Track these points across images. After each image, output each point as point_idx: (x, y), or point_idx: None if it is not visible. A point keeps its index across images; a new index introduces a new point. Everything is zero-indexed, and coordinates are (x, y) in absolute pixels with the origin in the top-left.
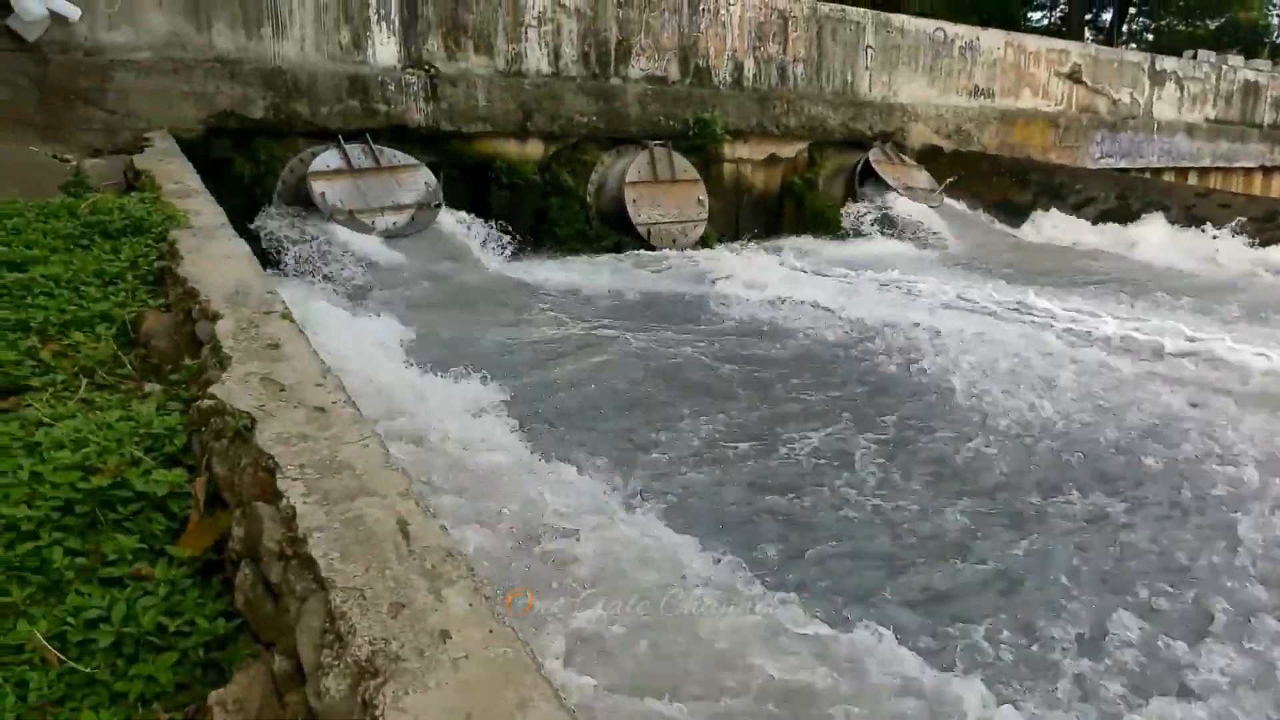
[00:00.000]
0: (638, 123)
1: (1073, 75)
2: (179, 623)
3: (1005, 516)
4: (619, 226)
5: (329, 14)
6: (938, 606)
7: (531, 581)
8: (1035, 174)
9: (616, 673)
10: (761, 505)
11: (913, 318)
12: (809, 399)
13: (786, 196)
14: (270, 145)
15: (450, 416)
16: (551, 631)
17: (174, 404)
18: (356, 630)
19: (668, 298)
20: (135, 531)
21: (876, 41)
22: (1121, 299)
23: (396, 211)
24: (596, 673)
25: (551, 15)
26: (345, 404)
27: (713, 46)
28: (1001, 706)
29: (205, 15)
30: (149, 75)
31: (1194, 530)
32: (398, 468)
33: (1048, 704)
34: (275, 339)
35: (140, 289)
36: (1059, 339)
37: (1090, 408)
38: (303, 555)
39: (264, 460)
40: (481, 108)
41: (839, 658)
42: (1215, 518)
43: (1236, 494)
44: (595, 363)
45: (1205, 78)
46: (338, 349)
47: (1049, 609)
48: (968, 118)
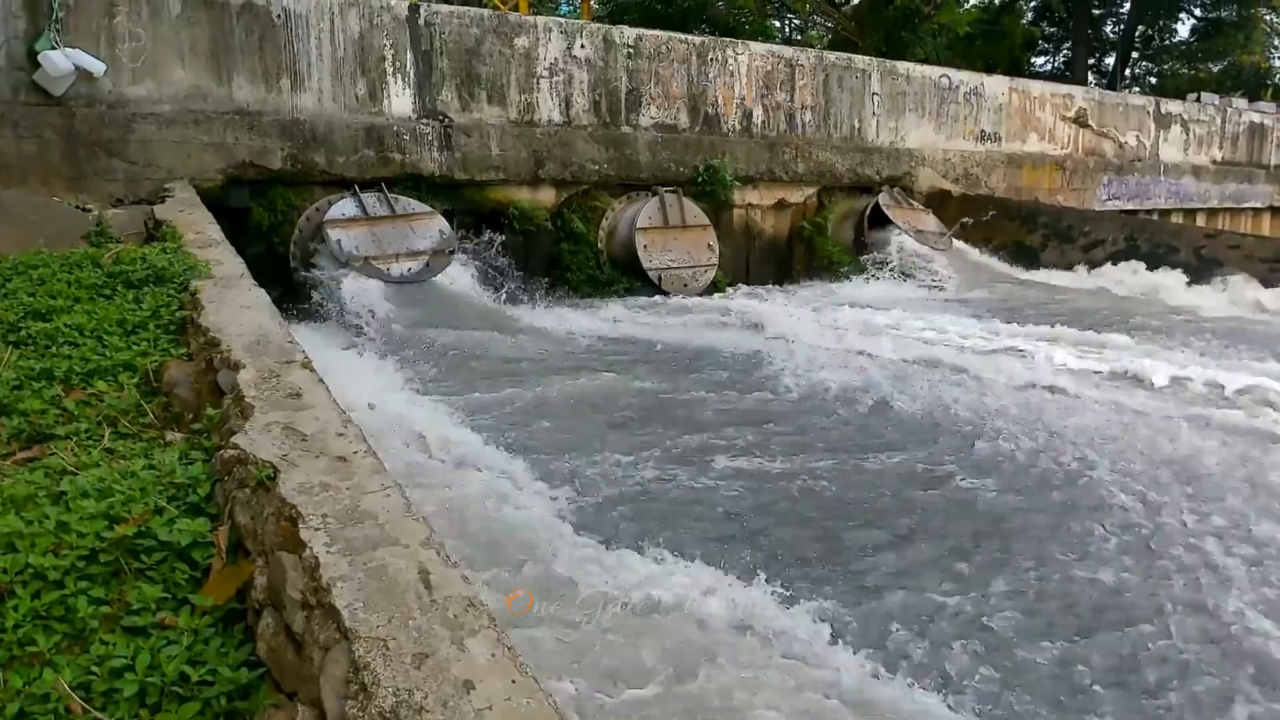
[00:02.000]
0: (648, 169)
1: (1078, 119)
2: (202, 671)
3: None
4: (630, 271)
5: (346, 67)
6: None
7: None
8: (1044, 216)
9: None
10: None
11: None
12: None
13: (797, 241)
14: (288, 194)
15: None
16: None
17: (197, 453)
18: (380, 680)
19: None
20: (159, 580)
21: (882, 89)
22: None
23: (411, 258)
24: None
25: (563, 66)
26: (366, 454)
27: (721, 95)
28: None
29: (226, 69)
30: (170, 127)
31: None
32: (419, 517)
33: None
34: (296, 388)
35: (162, 338)
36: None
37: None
38: (326, 605)
39: (287, 510)
40: (494, 156)
41: None
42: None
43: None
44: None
45: (1210, 120)
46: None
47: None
48: (975, 162)
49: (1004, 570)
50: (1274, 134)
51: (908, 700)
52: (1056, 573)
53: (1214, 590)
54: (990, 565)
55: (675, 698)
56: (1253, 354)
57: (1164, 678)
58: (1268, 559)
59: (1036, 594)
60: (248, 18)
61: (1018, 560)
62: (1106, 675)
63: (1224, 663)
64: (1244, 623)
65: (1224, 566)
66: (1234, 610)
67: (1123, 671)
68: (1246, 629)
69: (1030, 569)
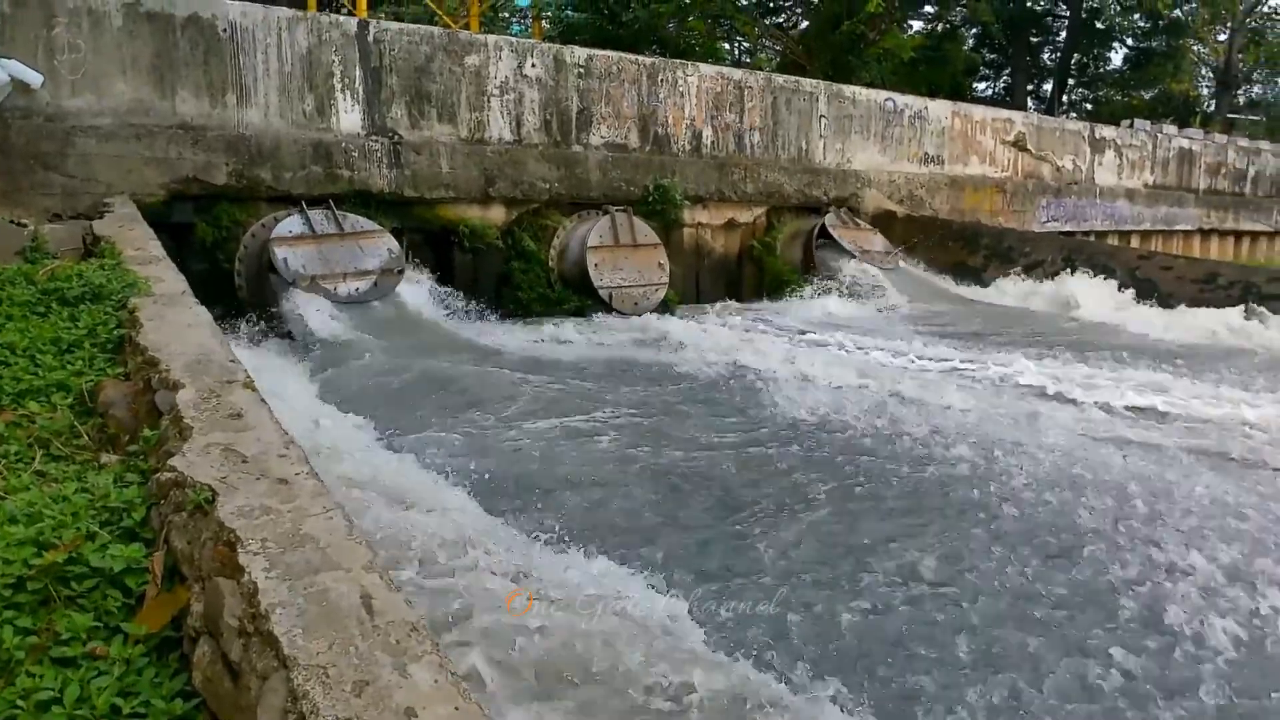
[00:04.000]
0: (599, 188)
1: (1018, 143)
2: (135, 703)
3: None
4: (581, 290)
5: (293, 82)
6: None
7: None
8: (985, 237)
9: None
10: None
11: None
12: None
13: (746, 260)
14: (233, 211)
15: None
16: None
17: (132, 476)
18: (319, 710)
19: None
20: (90, 609)
21: (830, 111)
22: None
23: (359, 277)
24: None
25: (514, 85)
26: (308, 475)
27: (672, 115)
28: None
29: (170, 83)
30: (111, 141)
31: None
32: (361, 540)
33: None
34: (238, 409)
35: (99, 357)
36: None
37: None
38: (264, 632)
39: (225, 534)
40: (445, 174)
41: None
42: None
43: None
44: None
45: (1143, 145)
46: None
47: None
48: (919, 184)
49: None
50: (1202, 159)
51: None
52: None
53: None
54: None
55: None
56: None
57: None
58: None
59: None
60: (193, 31)
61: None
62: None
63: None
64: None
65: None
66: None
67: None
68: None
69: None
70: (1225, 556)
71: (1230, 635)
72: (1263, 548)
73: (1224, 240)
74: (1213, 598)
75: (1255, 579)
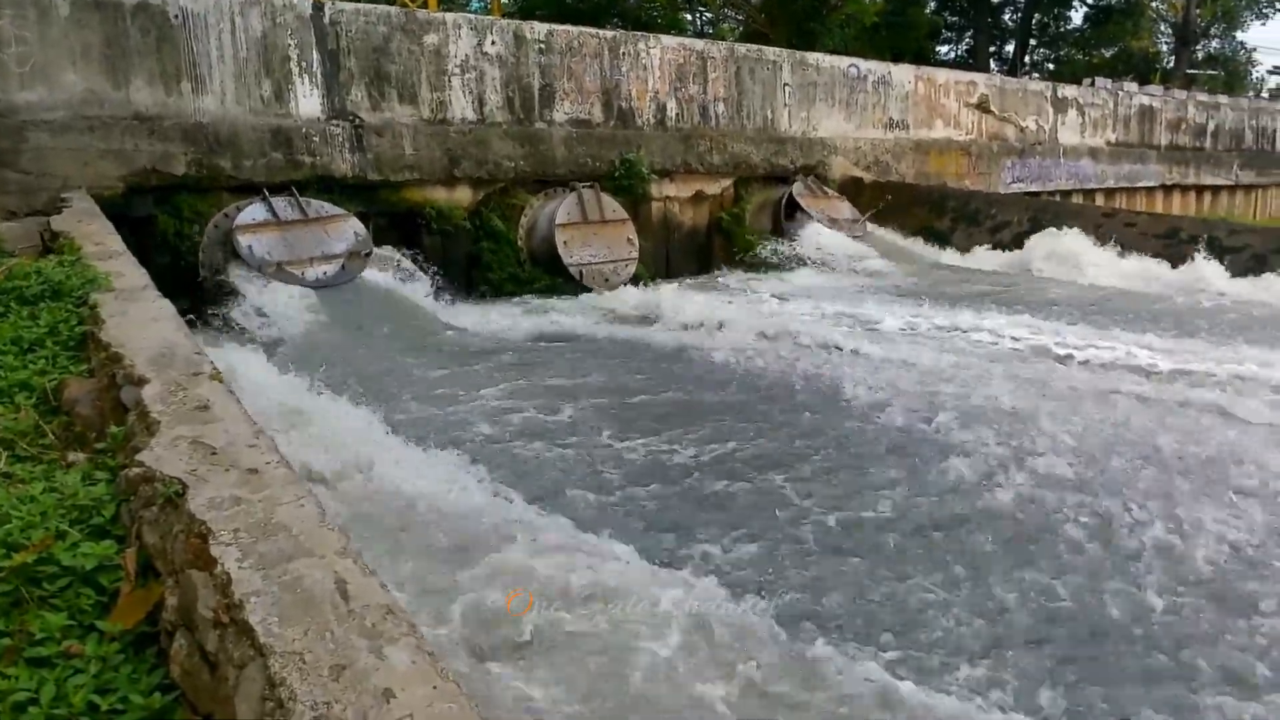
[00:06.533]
0: (565, 165)
1: (981, 105)
2: (112, 700)
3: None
4: (551, 268)
5: (249, 68)
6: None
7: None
8: (952, 200)
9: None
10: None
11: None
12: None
13: (715, 232)
14: (194, 201)
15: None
16: None
17: (101, 473)
18: (297, 696)
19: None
20: (63, 608)
21: (794, 79)
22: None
23: (326, 262)
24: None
25: (474, 63)
26: (279, 464)
27: (635, 89)
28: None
29: (123, 73)
30: (65, 134)
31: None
32: (334, 526)
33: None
34: (205, 401)
35: (61, 355)
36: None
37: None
38: (239, 621)
39: (196, 527)
40: (408, 156)
41: None
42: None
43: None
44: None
45: (1104, 104)
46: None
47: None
48: (885, 149)
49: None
50: (1163, 116)
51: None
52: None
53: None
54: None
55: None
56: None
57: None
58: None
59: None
60: (143, 18)
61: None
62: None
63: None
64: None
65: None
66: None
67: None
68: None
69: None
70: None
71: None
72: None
73: (1185, 195)
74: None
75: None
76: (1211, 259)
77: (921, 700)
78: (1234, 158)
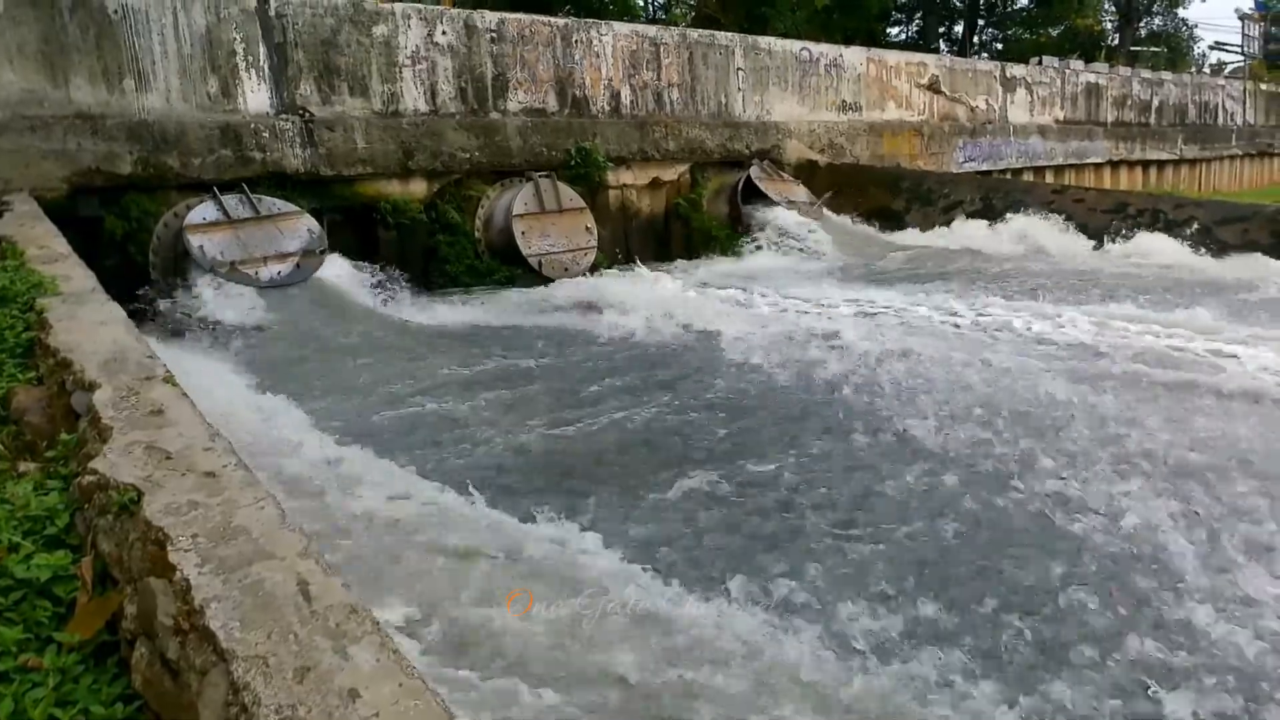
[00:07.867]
0: (520, 155)
1: (932, 86)
2: (73, 713)
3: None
4: (510, 259)
5: (194, 63)
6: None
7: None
8: (906, 181)
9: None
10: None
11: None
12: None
13: (673, 218)
14: (142, 201)
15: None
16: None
17: (53, 482)
18: (261, 700)
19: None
20: (19, 621)
21: (746, 64)
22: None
23: (280, 260)
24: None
25: (425, 54)
26: (236, 467)
27: (589, 76)
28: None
29: (62, 70)
30: (3, 135)
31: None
32: (295, 528)
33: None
34: (158, 405)
35: (8, 363)
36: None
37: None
38: (200, 628)
39: (153, 533)
40: (361, 150)
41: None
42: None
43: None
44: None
45: (1051, 82)
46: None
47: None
48: (839, 132)
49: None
50: (1108, 93)
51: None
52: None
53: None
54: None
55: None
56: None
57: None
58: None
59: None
60: (82, 14)
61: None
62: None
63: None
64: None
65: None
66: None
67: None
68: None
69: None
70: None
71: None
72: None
73: (1132, 170)
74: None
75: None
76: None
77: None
78: (1178, 132)
